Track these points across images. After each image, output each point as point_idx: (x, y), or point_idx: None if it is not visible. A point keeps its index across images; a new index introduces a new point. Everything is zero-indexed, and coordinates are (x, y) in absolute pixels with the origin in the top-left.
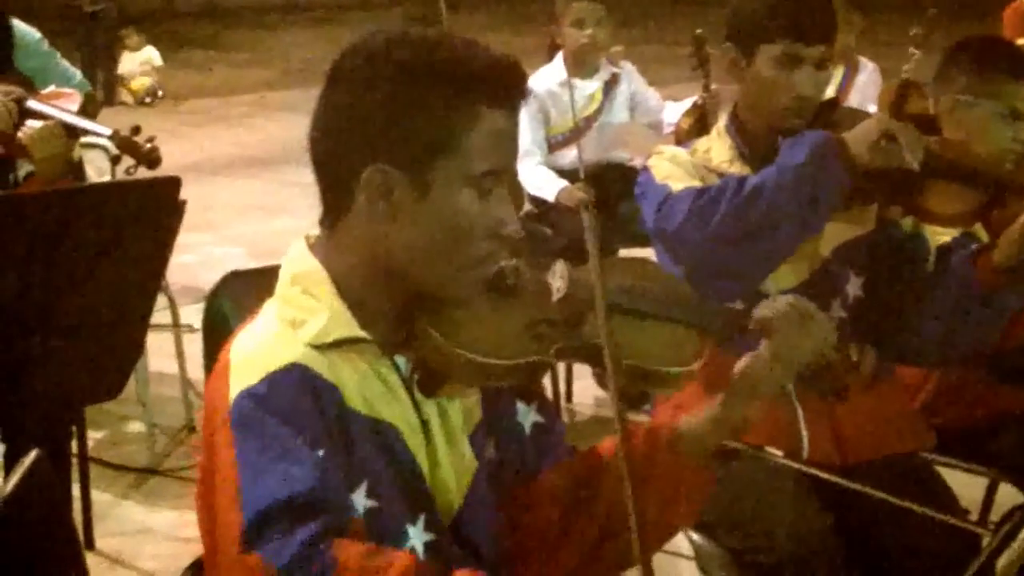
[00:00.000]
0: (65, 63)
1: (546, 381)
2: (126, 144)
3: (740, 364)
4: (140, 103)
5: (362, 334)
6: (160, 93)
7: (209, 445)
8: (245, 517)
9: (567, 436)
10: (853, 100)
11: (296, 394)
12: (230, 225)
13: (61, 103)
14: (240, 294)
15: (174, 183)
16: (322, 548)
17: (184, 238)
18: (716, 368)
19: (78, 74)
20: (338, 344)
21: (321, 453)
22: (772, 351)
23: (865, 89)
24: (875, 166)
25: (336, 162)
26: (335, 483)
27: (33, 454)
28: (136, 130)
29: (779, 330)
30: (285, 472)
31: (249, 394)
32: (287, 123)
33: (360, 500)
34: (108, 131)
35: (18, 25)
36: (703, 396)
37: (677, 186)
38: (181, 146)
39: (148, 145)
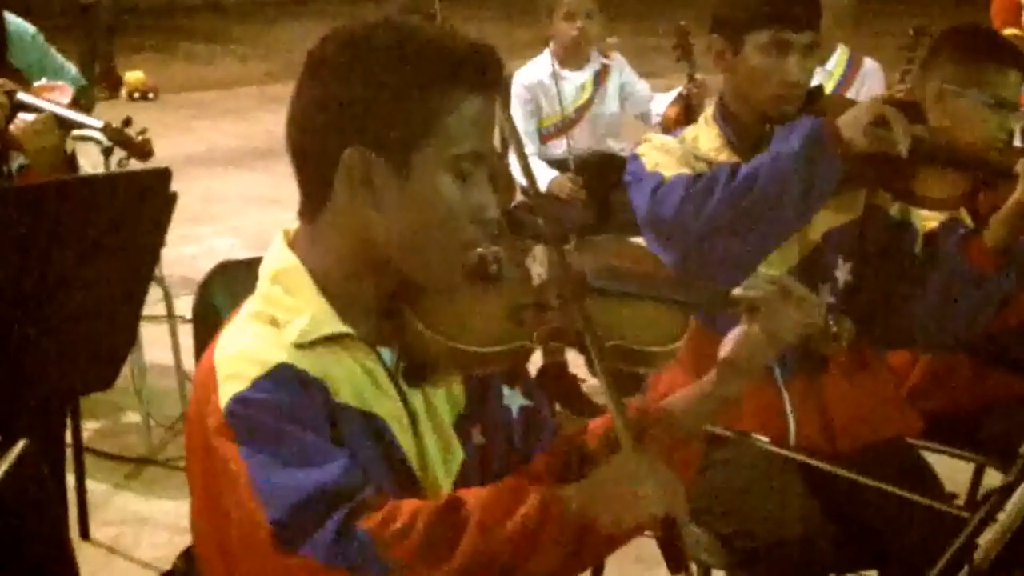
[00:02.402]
0: (60, 58)
1: None
2: (118, 136)
3: (727, 344)
4: (138, 98)
5: (346, 329)
6: (152, 95)
7: (202, 451)
8: (273, 517)
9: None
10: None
11: (289, 392)
12: (232, 217)
13: (53, 96)
14: (231, 285)
15: (164, 174)
16: (356, 530)
17: (186, 230)
18: (701, 345)
19: (73, 69)
20: (322, 341)
21: (324, 441)
22: (759, 330)
23: (867, 90)
24: (868, 151)
25: (315, 150)
26: (348, 464)
27: (20, 445)
28: (127, 122)
29: (764, 310)
30: (302, 466)
31: (242, 399)
32: None
33: None
34: (100, 123)
35: (12, 20)
36: (685, 379)
37: (668, 173)
38: (184, 138)
39: (140, 137)
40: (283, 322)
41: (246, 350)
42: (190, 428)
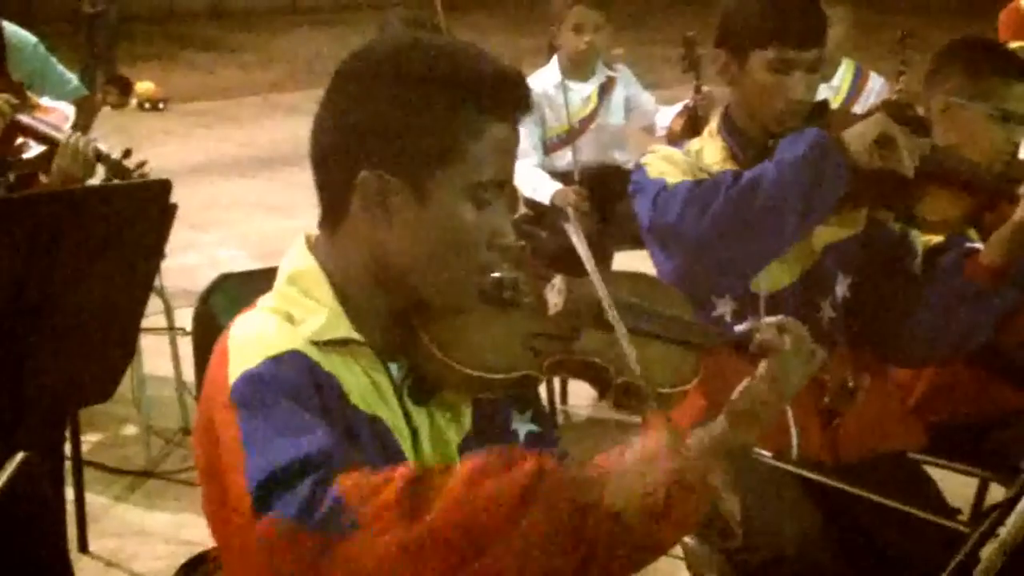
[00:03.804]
0: (61, 68)
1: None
2: (116, 168)
3: (738, 389)
4: (149, 109)
5: (357, 337)
6: (162, 106)
7: (209, 430)
8: (252, 484)
9: (563, 437)
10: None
11: (297, 376)
12: (234, 225)
13: (51, 119)
14: (233, 296)
15: (164, 185)
16: (329, 488)
17: (189, 238)
18: (714, 374)
19: (74, 79)
20: (335, 343)
21: (321, 421)
22: (770, 373)
23: (873, 105)
24: (872, 167)
25: (334, 164)
26: (338, 440)
27: (19, 457)
28: (127, 153)
29: (778, 354)
30: (292, 441)
31: (250, 375)
32: (293, 124)
33: None
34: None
35: (11, 29)
36: (697, 401)
37: (672, 180)
38: (186, 147)
39: (137, 172)
40: (299, 320)
41: (261, 334)
42: (200, 410)
